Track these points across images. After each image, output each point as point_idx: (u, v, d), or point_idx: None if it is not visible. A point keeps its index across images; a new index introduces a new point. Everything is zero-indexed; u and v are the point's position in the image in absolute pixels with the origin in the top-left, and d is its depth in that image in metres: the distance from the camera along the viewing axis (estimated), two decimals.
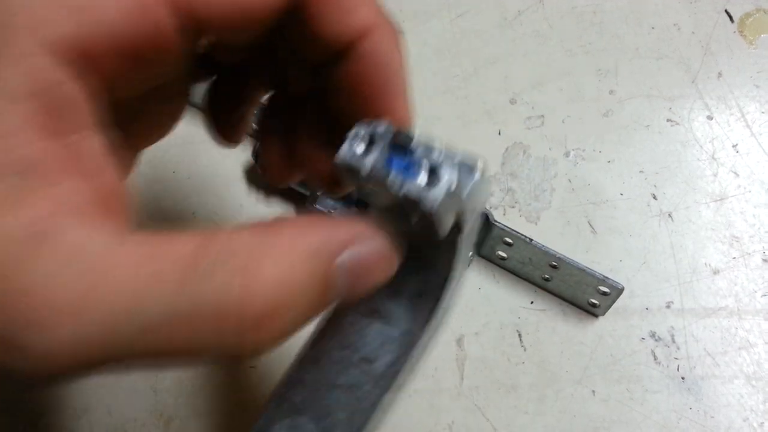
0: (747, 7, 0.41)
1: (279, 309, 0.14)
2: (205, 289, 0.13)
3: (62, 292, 0.12)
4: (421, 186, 0.14)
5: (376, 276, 0.16)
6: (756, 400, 0.30)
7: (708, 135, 0.37)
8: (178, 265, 0.13)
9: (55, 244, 0.13)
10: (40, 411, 0.30)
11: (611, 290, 0.29)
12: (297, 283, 0.14)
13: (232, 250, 0.13)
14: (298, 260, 0.14)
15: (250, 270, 0.13)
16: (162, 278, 0.13)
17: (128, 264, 0.13)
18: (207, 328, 0.13)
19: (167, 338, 0.13)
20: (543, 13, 0.41)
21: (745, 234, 0.34)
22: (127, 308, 0.13)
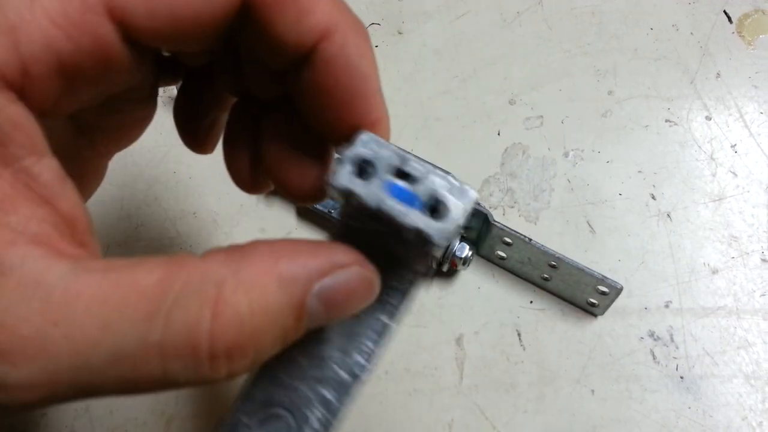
0: (745, 7, 0.41)
1: (251, 338, 0.13)
2: (174, 320, 0.13)
3: (26, 326, 0.12)
4: (429, 220, 0.15)
5: (355, 303, 0.15)
6: (755, 399, 0.30)
7: (706, 135, 0.37)
8: (144, 295, 0.13)
9: (14, 274, 0.12)
10: (42, 410, 0.30)
11: (610, 290, 0.30)
12: (270, 312, 0.14)
13: (202, 279, 0.13)
14: (271, 288, 0.14)
15: (221, 300, 0.13)
16: (129, 309, 0.13)
17: (92, 294, 0.13)
18: (178, 358, 0.13)
19: (138, 368, 0.13)
20: (542, 14, 0.41)
21: (743, 234, 0.34)
22: (95, 340, 0.12)
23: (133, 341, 0.13)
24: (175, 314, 0.13)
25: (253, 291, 0.13)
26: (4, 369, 0.12)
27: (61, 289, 0.13)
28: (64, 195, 0.14)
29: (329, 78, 0.16)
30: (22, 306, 0.12)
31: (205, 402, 0.30)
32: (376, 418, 0.30)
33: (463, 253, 0.31)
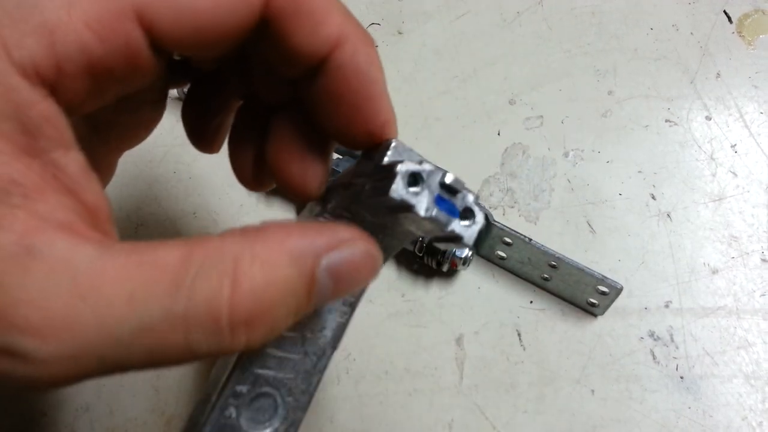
0: (745, 7, 0.41)
1: (268, 308, 0.14)
2: (196, 292, 0.14)
3: (55, 303, 0.13)
4: (464, 228, 0.18)
5: (360, 278, 0.17)
6: (755, 399, 0.30)
7: (706, 135, 0.37)
8: (168, 271, 0.14)
9: (43, 258, 0.13)
10: (42, 410, 0.30)
11: (610, 290, 0.30)
12: (283, 283, 0.15)
13: (221, 255, 0.14)
14: (283, 262, 0.15)
15: (239, 272, 0.14)
16: (153, 283, 0.14)
17: (117, 272, 0.14)
18: (201, 328, 0.14)
19: (163, 338, 0.14)
20: (542, 14, 0.41)
21: (743, 234, 0.34)
22: (122, 313, 0.13)
23: (158, 313, 0.13)
24: (197, 287, 0.14)
25: (266, 265, 0.14)
26: (35, 343, 0.13)
27: (88, 268, 0.13)
28: (89, 186, 0.15)
29: (341, 84, 0.18)
30: (51, 285, 0.13)
31: None
32: (376, 418, 0.30)
33: (463, 253, 0.31)
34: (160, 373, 0.31)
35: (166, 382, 0.31)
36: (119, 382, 0.31)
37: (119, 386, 0.31)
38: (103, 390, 0.31)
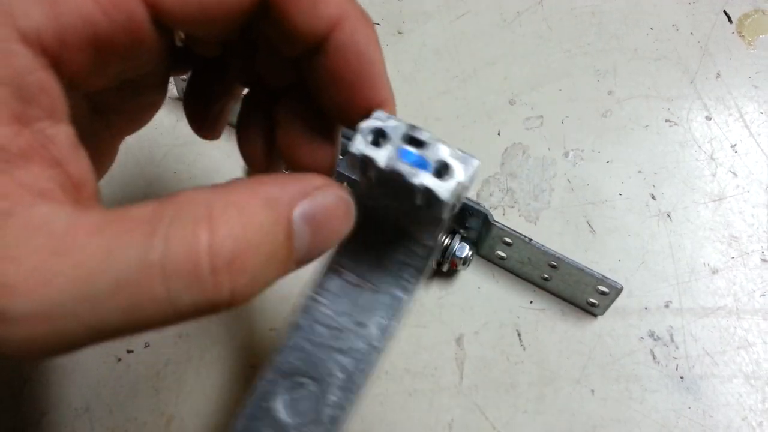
0: (745, 7, 0.41)
1: (247, 250, 0.14)
2: (173, 238, 0.13)
3: (30, 260, 0.13)
4: (436, 180, 0.17)
5: (336, 224, 0.16)
6: (755, 399, 0.30)
7: (706, 135, 0.37)
8: (141, 222, 0.13)
9: (19, 218, 0.13)
10: (42, 410, 0.30)
11: (610, 290, 0.30)
12: (260, 227, 0.14)
13: (194, 204, 0.14)
14: (258, 208, 0.14)
15: (214, 217, 0.14)
16: (127, 235, 0.13)
17: (92, 228, 0.13)
18: (180, 275, 0.13)
19: (142, 290, 0.13)
20: (542, 14, 0.41)
21: (743, 234, 0.34)
22: (98, 266, 0.13)
23: (134, 263, 0.13)
24: (173, 233, 0.13)
25: (241, 210, 0.14)
26: (8, 300, 0.12)
27: (63, 225, 0.13)
28: (76, 160, 0.15)
29: (341, 63, 0.18)
30: (26, 242, 0.13)
31: (206, 401, 0.30)
32: (376, 418, 0.30)
33: (463, 253, 0.31)
34: (160, 372, 0.31)
35: (166, 382, 0.31)
36: (119, 382, 0.31)
37: (119, 386, 0.31)
38: (103, 390, 0.31)
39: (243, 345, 0.32)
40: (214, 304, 0.14)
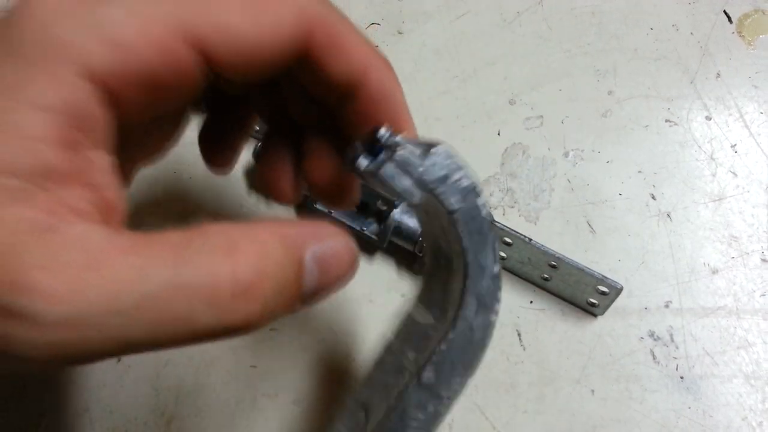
0: (745, 7, 0.41)
1: (264, 281, 0.16)
2: (198, 264, 0.15)
3: (66, 270, 0.14)
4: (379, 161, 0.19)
5: (342, 268, 0.18)
6: (755, 399, 0.30)
7: (706, 135, 0.37)
8: (171, 246, 0.15)
9: (59, 234, 0.14)
10: (42, 410, 0.30)
11: (610, 290, 0.30)
12: (276, 261, 0.16)
13: (221, 235, 0.16)
14: (276, 244, 0.16)
15: (237, 249, 0.15)
16: (157, 257, 0.15)
17: (125, 248, 0.15)
18: (203, 298, 0.15)
19: (165, 308, 0.14)
20: (542, 14, 0.41)
21: (743, 234, 0.34)
22: (129, 283, 0.14)
23: (162, 283, 0.14)
24: (200, 260, 0.15)
25: (261, 246, 0.16)
26: (41, 305, 0.13)
27: (99, 243, 0.15)
28: (112, 187, 0.17)
29: (372, 106, 0.21)
30: (63, 256, 0.14)
31: (206, 401, 0.30)
32: None
33: None
34: (160, 372, 0.31)
35: (166, 383, 0.31)
36: (119, 382, 0.31)
37: (119, 386, 0.31)
38: (103, 390, 0.31)
39: (243, 345, 0.32)
40: (228, 327, 0.15)
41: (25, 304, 0.13)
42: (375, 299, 0.33)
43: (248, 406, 0.30)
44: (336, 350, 0.31)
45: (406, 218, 0.31)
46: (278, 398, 0.30)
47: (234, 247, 0.15)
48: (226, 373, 0.31)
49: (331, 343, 0.32)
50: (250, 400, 0.30)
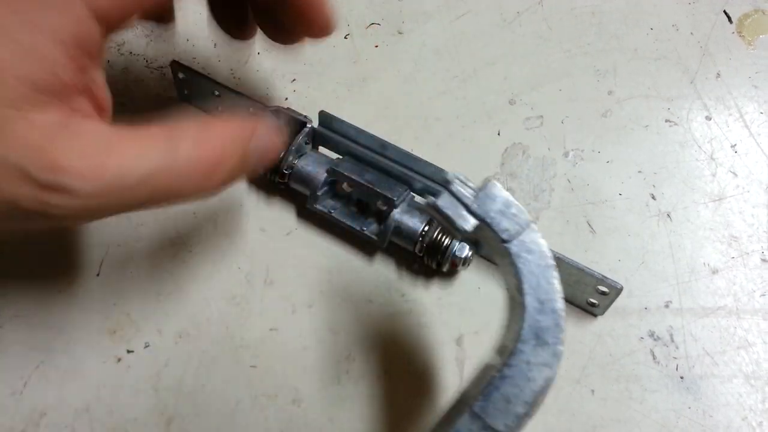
0: (745, 7, 0.41)
1: (224, 161, 0.23)
2: (180, 150, 0.22)
3: (91, 156, 0.20)
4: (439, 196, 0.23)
5: (270, 155, 0.27)
6: (755, 399, 0.30)
7: (706, 135, 0.37)
8: (158, 136, 0.22)
9: (77, 129, 0.20)
10: (42, 410, 0.30)
11: (610, 290, 0.30)
12: (230, 149, 0.24)
13: (191, 130, 0.23)
14: (229, 139, 0.24)
15: (204, 140, 0.23)
16: (150, 145, 0.21)
17: (125, 138, 0.21)
18: (182, 173, 0.22)
19: (159, 182, 0.21)
20: (542, 14, 0.41)
21: (743, 234, 0.34)
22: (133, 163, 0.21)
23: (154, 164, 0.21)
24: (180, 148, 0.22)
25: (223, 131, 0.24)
26: (79, 182, 0.20)
27: (106, 134, 0.21)
28: (105, 94, 0.23)
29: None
30: (87, 145, 0.20)
31: (206, 401, 0.30)
32: (376, 418, 0.30)
33: (463, 253, 0.31)
34: (160, 372, 0.31)
35: (165, 383, 0.31)
36: (119, 382, 0.31)
37: (119, 386, 0.31)
38: (103, 390, 0.31)
39: (243, 345, 0.32)
40: (205, 191, 0.23)
41: (68, 182, 0.19)
42: (375, 299, 0.33)
43: (248, 406, 0.30)
44: (336, 350, 0.31)
45: (406, 218, 0.31)
46: (278, 398, 0.30)
47: (197, 137, 0.23)
48: (226, 373, 0.31)
49: (331, 343, 0.32)
50: (250, 400, 0.30)
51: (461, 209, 0.22)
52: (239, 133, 0.24)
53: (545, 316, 0.21)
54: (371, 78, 0.39)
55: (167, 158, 0.21)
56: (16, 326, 0.32)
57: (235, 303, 0.33)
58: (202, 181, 0.23)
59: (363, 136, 0.33)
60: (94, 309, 0.32)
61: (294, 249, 0.34)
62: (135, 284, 0.33)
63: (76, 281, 0.33)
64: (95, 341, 0.31)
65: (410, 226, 0.31)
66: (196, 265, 0.33)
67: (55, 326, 0.32)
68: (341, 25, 0.41)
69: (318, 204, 0.33)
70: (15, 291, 0.33)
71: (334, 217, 0.32)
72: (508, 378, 0.21)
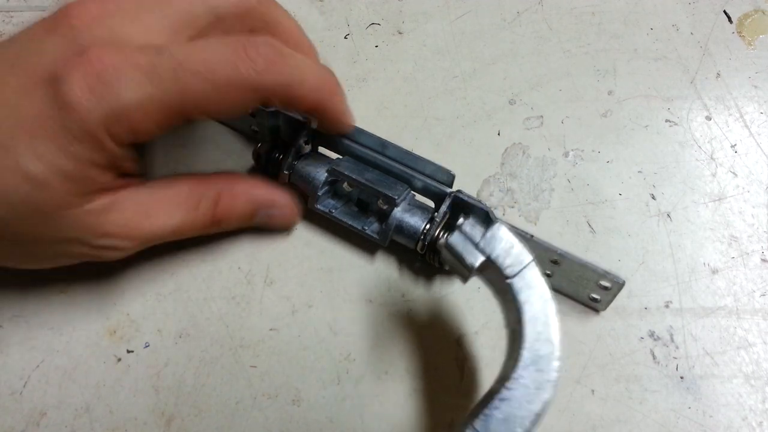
0: (745, 7, 0.41)
1: (230, 218, 0.31)
2: (200, 209, 0.30)
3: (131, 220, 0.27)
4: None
5: (282, 225, 0.34)
6: (755, 399, 0.30)
7: (706, 135, 0.37)
8: (184, 197, 0.29)
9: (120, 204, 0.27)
10: (42, 410, 0.30)
11: (612, 285, 0.30)
12: (241, 214, 0.32)
13: (210, 191, 0.30)
14: (245, 207, 0.31)
15: (219, 201, 0.30)
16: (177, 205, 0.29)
17: (160, 200, 0.28)
18: (202, 226, 0.30)
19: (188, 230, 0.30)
20: (542, 14, 0.41)
21: (743, 234, 0.34)
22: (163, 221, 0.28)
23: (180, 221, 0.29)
24: (201, 207, 0.30)
25: (237, 200, 0.31)
26: (123, 242, 0.28)
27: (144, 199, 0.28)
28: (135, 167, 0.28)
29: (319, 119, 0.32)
30: (128, 217, 0.27)
31: (206, 401, 0.30)
32: (376, 418, 0.30)
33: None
34: (160, 372, 0.31)
35: (166, 382, 0.31)
36: (119, 382, 0.31)
37: (119, 386, 0.31)
38: (103, 390, 0.31)
39: (243, 345, 0.32)
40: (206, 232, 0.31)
41: (114, 243, 0.27)
42: (375, 299, 0.33)
43: (248, 406, 0.30)
44: (336, 350, 0.31)
45: (407, 216, 0.31)
46: (278, 398, 0.30)
47: (216, 199, 0.30)
48: (226, 373, 0.31)
49: (332, 343, 0.32)
50: (250, 400, 0.30)
51: (470, 246, 0.24)
52: (252, 200, 0.31)
53: (543, 344, 0.23)
54: (371, 78, 0.39)
55: (189, 216, 0.29)
56: (16, 326, 0.32)
57: (235, 303, 0.33)
58: (211, 228, 0.31)
59: (363, 136, 0.33)
60: (94, 309, 0.32)
61: (294, 249, 0.34)
62: (135, 284, 0.33)
63: (76, 281, 0.33)
64: (95, 341, 0.31)
65: (411, 225, 0.31)
66: (196, 265, 0.33)
67: (55, 326, 0.32)
68: (341, 25, 0.41)
69: (319, 204, 0.33)
70: (15, 291, 0.33)
71: (335, 216, 0.32)
72: (507, 400, 0.22)
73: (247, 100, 0.26)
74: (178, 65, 0.24)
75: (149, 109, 0.25)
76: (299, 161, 0.33)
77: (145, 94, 0.24)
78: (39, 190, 0.24)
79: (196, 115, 0.26)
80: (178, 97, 0.25)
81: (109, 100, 0.24)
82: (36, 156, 0.24)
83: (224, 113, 0.27)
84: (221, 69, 0.25)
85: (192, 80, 0.25)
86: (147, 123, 0.25)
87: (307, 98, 0.28)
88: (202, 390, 0.31)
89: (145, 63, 0.24)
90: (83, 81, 0.24)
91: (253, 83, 0.25)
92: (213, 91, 0.25)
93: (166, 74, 0.24)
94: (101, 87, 0.24)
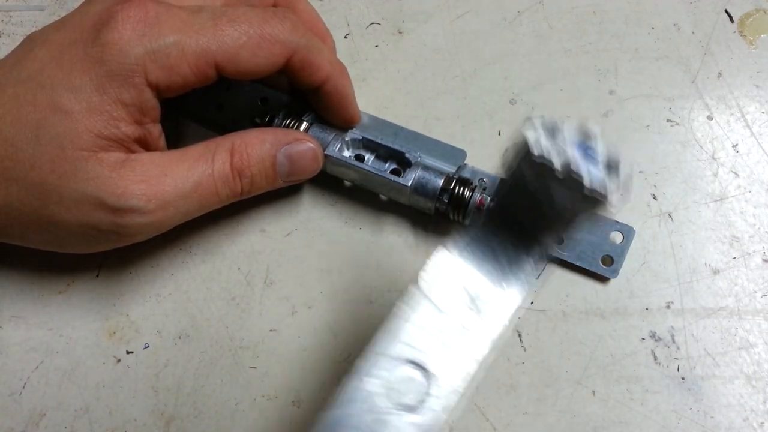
0: (747, 7, 0.41)
1: (250, 167, 0.30)
2: (215, 163, 0.29)
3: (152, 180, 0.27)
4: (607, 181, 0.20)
5: (306, 164, 0.32)
6: (756, 400, 0.30)
7: (708, 135, 0.37)
8: (199, 154, 0.29)
9: (136, 160, 0.27)
10: (42, 410, 0.30)
11: (624, 234, 0.31)
12: (259, 156, 0.30)
13: (225, 143, 0.30)
14: (259, 144, 0.30)
15: (235, 150, 0.30)
16: (195, 161, 0.29)
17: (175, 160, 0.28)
18: (222, 180, 0.29)
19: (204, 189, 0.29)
20: (543, 14, 0.41)
21: (745, 234, 0.34)
22: (184, 179, 0.28)
23: (199, 175, 0.29)
24: (215, 160, 0.29)
25: (251, 145, 0.30)
26: (146, 203, 0.27)
27: (160, 159, 0.28)
28: (160, 141, 0.30)
29: (331, 99, 0.33)
30: (148, 171, 0.27)
31: (206, 402, 0.30)
32: None
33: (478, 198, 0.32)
34: (160, 372, 0.31)
35: (165, 383, 0.31)
36: (119, 383, 0.31)
37: (118, 387, 0.31)
38: (103, 390, 0.31)
39: (243, 346, 0.32)
40: (235, 194, 0.30)
41: (133, 203, 0.26)
42: (375, 300, 0.32)
43: (248, 406, 0.30)
44: (336, 351, 0.31)
45: (426, 174, 0.32)
46: (278, 399, 0.30)
47: (231, 148, 0.30)
48: (225, 374, 0.31)
49: (331, 345, 0.31)
50: (250, 401, 0.30)
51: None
52: (268, 145, 0.30)
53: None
54: (371, 78, 0.39)
55: (207, 169, 0.29)
56: (16, 326, 0.32)
57: (235, 303, 0.33)
58: (233, 185, 0.30)
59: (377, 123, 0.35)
60: (93, 310, 0.32)
61: (294, 249, 0.34)
62: (135, 285, 0.33)
63: (75, 282, 0.33)
64: (95, 342, 0.31)
65: (431, 180, 0.32)
66: (196, 266, 0.33)
67: (55, 327, 0.32)
68: (341, 24, 0.41)
69: (335, 155, 0.32)
70: (15, 291, 0.33)
71: (353, 163, 0.32)
72: None
73: (274, 56, 0.29)
74: (216, 17, 0.28)
75: (187, 51, 0.27)
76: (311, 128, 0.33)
77: (184, 36, 0.27)
78: (62, 119, 0.26)
79: (228, 68, 0.28)
80: (215, 44, 0.27)
81: (150, 38, 0.26)
82: (68, 88, 0.26)
83: (253, 67, 0.28)
84: (254, 23, 0.28)
85: (228, 30, 0.28)
86: (183, 65, 0.27)
87: (323, 68, 0.31)
88: (201, 391, 0.31)
89: (185, 14, 0.27)
90: (127, 21, 0.26)
91: (280, 38, 0.29)
92: (246, 41, 0.28)
93: (206, 23, 0.27)
94: (143, 27, 0.26)
